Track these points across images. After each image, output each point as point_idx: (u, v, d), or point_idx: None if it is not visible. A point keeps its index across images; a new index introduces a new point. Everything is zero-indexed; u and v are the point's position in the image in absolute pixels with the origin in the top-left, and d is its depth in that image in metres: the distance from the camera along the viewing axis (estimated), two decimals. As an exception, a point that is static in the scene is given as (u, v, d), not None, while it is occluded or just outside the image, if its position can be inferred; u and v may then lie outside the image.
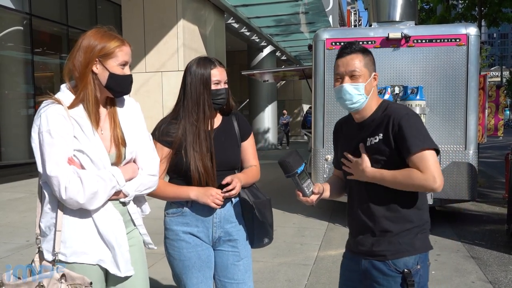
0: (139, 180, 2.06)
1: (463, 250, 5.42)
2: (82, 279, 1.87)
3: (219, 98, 2.39)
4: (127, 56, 2.01)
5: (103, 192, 1.91)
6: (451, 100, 6.12)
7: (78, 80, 1.96)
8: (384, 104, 2.09)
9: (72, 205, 1.87)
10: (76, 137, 1.91)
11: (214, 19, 12.78)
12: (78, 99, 1.95)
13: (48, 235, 1.95)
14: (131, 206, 2.10)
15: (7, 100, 12.22)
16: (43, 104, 1.93)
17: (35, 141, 1.91)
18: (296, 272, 4.70)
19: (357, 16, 56.16)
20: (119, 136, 2.04)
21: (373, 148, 2.03)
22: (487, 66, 31.76)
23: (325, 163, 6.51)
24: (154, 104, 10.52)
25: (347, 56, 2.06)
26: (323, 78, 6.50)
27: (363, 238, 2.11)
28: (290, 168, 2.03)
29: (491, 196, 8.76)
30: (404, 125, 1.96)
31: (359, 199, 2.14)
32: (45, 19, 12.68)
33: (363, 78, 2.04)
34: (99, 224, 1.95)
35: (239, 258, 2.44)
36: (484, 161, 13.44)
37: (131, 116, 2.13)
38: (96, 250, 1.96)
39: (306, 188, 2.12)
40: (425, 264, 2.07)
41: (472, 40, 6.09)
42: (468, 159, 6.10)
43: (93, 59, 1.94)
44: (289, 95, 30.91)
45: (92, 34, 1.98)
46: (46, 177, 1.87)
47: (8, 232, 6.27)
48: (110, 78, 1.97)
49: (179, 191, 2.35)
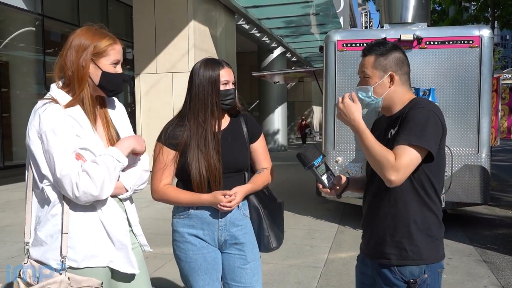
0: (136, 175, 2.04)
1: (475, 254, 5.36)
2: (89, 281, 1.85)
3: (228, 98, 2.38)
4: (119, 55, 1.99)
5: (110, 177, 1.87)
6: (464, 103, 6.06)
7: (72, 78, 1.92)
8: (413, 100, 2.06)
9: (86, 200, 1.83)
10: (78, 135, 1.88)
11: (225, 20, 12.79)
12: (77, 99, 1.92)
13: (49, 244, 1.87)
14: (127, 204, 2.08)
15: (18, 100, 12.34)
16: (40, 104, 1.88)
17: (34, 143, 1.84)
18: (306, 275, 4.68)
19: (368, 18, 56.00)
20: (113, 134, 2.04)
21: (390, 140, 2.00)
22: (500, 68, 31.49)
23: (335, 165, 6.47)
24: (164, 106, 10.55)
25: (363, 58, 2.10)
26: (334, 80, 6.46)
27: (371, 238, 2.09)
28: (306, 160, 2.12)
29: (503, 200, 8.66)
30: (409, 117, 1.93)
31: (371, 195, 2.11)
32: (57, 20, 12.78)
33: (373, 80, 2.04)
34: (107, 224, 1.92)
35: (246, 262, 2.41)
36: (497, 164, 13.31)
37: (119, 116, 2.13)
38: (106, 252, 1.93)
39: (326, 180, 2.16)
40: (435, 272, 1.99)
41: (485, 42, 6.02)
42: (481, 162, 6.04)
43: (89, 59, 1.91)
44: (299, 97, 30.88)
45: (83, 33, 1.94)
46: (56, 177, 1.81)
47: (20, 232, 6.25)
48: (103, 77, 1.94)
49: (193, 198, 2.33)
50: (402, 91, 2.06)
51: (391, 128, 2.05)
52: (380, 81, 2.04)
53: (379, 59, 2.04)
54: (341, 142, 6.47)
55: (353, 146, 6.41)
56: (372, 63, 2.04)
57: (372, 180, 2.12)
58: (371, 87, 2.04)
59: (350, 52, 6.36)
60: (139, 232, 2.13)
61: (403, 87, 2.07)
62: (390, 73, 2.04)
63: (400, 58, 2.06)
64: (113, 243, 1.94)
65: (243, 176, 2.44)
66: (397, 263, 1.98)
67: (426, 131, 1.90)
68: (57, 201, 1.87)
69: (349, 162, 6.46)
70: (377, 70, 2.04)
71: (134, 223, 2.11)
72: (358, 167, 6.40)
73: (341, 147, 6.49)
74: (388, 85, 2.04)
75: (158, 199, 2.39)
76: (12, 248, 5.51)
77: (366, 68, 2.06)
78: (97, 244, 1.91)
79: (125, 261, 1.96)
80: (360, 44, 6.30)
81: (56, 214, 1.87)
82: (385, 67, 2.04)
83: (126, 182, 1.99)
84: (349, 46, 6.37)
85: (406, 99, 2.06)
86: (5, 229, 6.51)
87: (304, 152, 2.13)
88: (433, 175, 1.99)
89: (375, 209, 2.07)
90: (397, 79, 2.05)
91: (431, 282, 1.97)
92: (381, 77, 2.04)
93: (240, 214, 2.41)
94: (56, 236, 1.87)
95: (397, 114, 2.05)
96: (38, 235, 1.90)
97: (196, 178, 2.30)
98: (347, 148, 6.46)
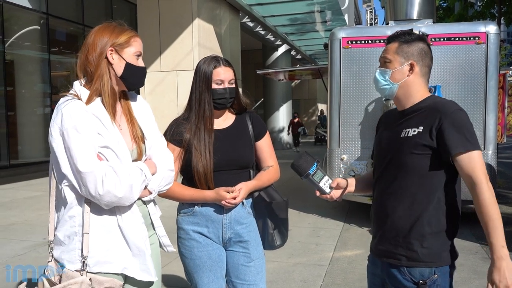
0: (160, 175, 1.99)
1: (482, 252, 5.32)
2: (111, 282, 1.81)
3: (221, 98, 2.36)
4: (140, 47, 1.98)
5: (137, 185, 1.83)
6: (470, 99, 6.02)
7: (93, 74, 1.89)
8: (432, 98, 2.01)
9: (108, 201, 1.77)
10: (100, 133, 1.83)
11: (229, 18, 12.78)
12: (93, 91, 1.87)
13: (67, 244, 1.84)
14: (151, 206, 2.05)
15: (24, 99, 12.38)
16: (62, 100, 1.84)
17: (56, 140, 1.78)
18: (311, 273, 4.67)
19: (374, 15, 55.85)
20: (138, 132, 2.00)
21: (407, 140, 1.95)
22: (506, 65, 31.34)
23: (340, 163, 6.45)
24: (169, 104, 10.56)
25: (387, 45, 2.07)
26: (339, 77, 6.43)
27: (382, 238, 2.05)
28: (302, 170, 2.12)
29: (510, 197, 8.61)
30: (455, 121, 1.86)
31: (383, 195, 2.06)
32: (62, 18, 12.82)
33: (392, 65, 2.01)
34: (125, 229, 1.87)
35: (250, 260, 2.41)
36: (503, 162, 13.25)
37: (143, 113, 2.09)
38: (121, 258, 1.87)
39: (323, 185, 2.15)
40: (445, 273, 1.95)
41: (491, 38, 5.98)
42: (487, 160, 5.99)
43: (107, 48, 1.89)
44: (304, 95, 30.86)
45: (103, 28, 1.93)
46: (78, 175, 1.75)
47: (25, 230, 6.33)
48: (126, 68, 1.92)
49: (197, 195, 2.34)
50: (420, 84, 2.01)
51: (408, 127, 1.97)
52: (400, 67, 2.00)
53: (403, 46, 2.00)
54: (346, 140, 6.44)
55: (358, 144, 6.39)
56: (394, 48, 2.01)
57: (381, 179, 2.08)
58: (390, 70, 2.01)
59: (355, 49, 6.33)
60: (162, 233, 2.11)
61: (421, 80, 2.02)
62: (411, 62, 1.99)
63: (424, 49, 2.01)
64: (130, 249, 1.89)
65: (248, 173, 2.43)
66: (407, 265, 1.94)
67: (473, 133, 1.88)
68: (75, 203, 1.82)
69: (354, 160, 6.43)
70: (398, 56, 2.00)
71: (157, 224, 2.09)
72: (363, 165, 6.38)
73: (346, 145, 6.46)
74: (407, 73, 2.00)
75: (163, 195, 2.38)
76: (18, 246, 5.52)
77: (388, 53, 2.03)
78: (112, 250, 1.86)
79: (142, 268, 1.91)
80: (365, 41, 6.27)
81: (74, 216, 1.83)
82: (407, 54, 2.00)
83: (150, 184, 1.95)
84: (354, 43, 6.34)
85: (421, 95, 2.01)
86: (11, 227, 6.53)
87: (297, 162, 2.11)
88: (452, 178, 1.94)
89: (389, 210, 2.01)
90: (417, 69, 2.00)
91: (441, 283, 1.93)
92: (401, 64, 2.00)
93: (244, 212, 2.41)
94: (73, 237, 1.84)
95: (411, 110, 2.00)
96: (57, 235, 1.87)
97: (194, 175, 2.32)
98: (352, 146, 6.43)
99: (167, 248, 2.14)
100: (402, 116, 2.05)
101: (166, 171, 2.03)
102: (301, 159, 2.12)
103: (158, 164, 2.00)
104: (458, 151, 1.84)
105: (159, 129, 2.15)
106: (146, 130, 2.04)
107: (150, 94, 10.96)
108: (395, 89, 2.02)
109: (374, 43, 6.23)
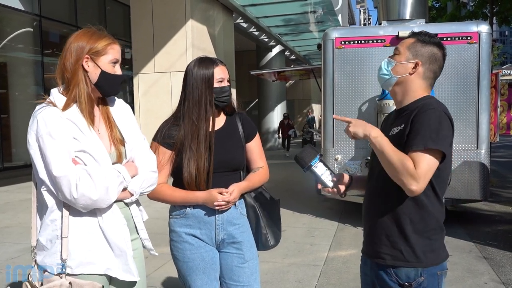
0: (142, 177, 2.00)
1: (475, 251, 5.35)
2: (91, 285, 1.82)
3: (224, 95, 2.38)
4: (118, 54, 1.98)
5: (113, 187, 1.84)
6: (463, 99, 6.05)
7: (70, 80, 1.91)
8: (424, 99, 1.99)
9: (84, 204, 1.78)
10: (76, 138, 1.85)
11: (223, 19, 12.78)
12: (70, 98, 1.90)
13: (49, 249, 1.86)
14: (134, 208, 2.05)
15: (17, 102, 12.33)
16: (37, 108, 1.87)
17: (33, 147, 1.82)
18: (306, 273, 4.67)
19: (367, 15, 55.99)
20: (116, 135, 2.01)
21: (393, 137, 1.95)
22: (499, 64, 31.50)
23: (335, 163, 6.46)
24: (162, 105, 10.54)
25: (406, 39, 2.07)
26: (333, 78, 6.44)
27: (368, 237, 2.06)
28: (303, 162, 2.12)
29: (503, 196, 8.65)
30: (420, 119, 1.86)
31: (370, 194, 2.08)
32: (55, 20, 12.77)
33: (399, 58, 2.01)
34: (106, 230, 1.88)
35: (243, 261, 2.41)
36: (497, 161, 13.30)
37: (123, 116, 2.09)
38: (103, 259, 1.89)
39: (326, 178, 2.16)
40: (433, 275, 1.92)
41: (483, 38, 6.01)
42: (480, 159, 6.03)
43: (83, 55, 1.90)
44: (298, 95, 30.86)
45: (81, 34, 1.94)
46: (53, 180, 1.78)
47: (19, 233, 6.30)
48: (101, 76, 1.93)
49: (188, 196, 2.33)
50: (419, 85, 2.00)
51: (395, 126, 1.99)
52: (404, 62, 2.00)
53: (417, 44, 2.00)
54: (340, 140, 6.45)
55: (352, 144, 6.40)
56: (409, 44, 2.02)
57: (371, 178, 2.09)
58: (395, 62, 2.01)
59: (348, 49, 6.34)
60: (145, 236, 2.10)
61: (422, 82, 2.00)
62: (417, 61, 1.99)
63: (436, 55, 2.00)
64: (112, 249, 1.90)
65: (239, 175, 2.43)
66: (392, 264, 1.93)
67: (441, 133, 1.83)
68: (55, 207, 1.85)
69: (348, 160, 6.45)
70: (408, 51, 2.00)
71: (140, 227, 2.08)
72: (357, 164, 6.39)
73: (340, 145, 6.47)
74: (410, 70, 1.99)
75: (153, 198, 2.38)
76: (11, 249, 5.50)
77: (401, 45, 2.04)
78: (94, 251, 1.87)
79: (124, 268, 1.93)
80: (358, 42, 6.28)
81: (55, 220, 1.85)
82: (417, 53, 1.99)
83: (131, 186, 1.95)
84: (347, 43, 6.35)
85: (418, 95, 2.00)
86: (4, 230, 6.50)
87: (300, 154, 2.14)
88: (435, 176, 1.89)
89: (373, 208, 2.03)
90: (420, 70, 1.99)
91: (427, 285, 1.90)
92: (407, 59, 1.99)
93: (237, 213, 2.40)
94: (54, 241, 1.85)
95: (405, 110, 1.99)
96: (40, 240, 1.89)
97: (186, 177, 2.30)
98: (346, 146, 6.45)
99: (150, 252, 2.14)
100: (397, 115, 2.06)
101: (148, 172, 2.03)
102: (303, 152, 2.16)
103: (139, 166, 2.01)
104: (415, 148, 1.82)
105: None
106: (126, 133, 2.04)
107: (144, 95, 10.94)
108: (393, 81, 2.02)
109: (367, 43, 6.25)
